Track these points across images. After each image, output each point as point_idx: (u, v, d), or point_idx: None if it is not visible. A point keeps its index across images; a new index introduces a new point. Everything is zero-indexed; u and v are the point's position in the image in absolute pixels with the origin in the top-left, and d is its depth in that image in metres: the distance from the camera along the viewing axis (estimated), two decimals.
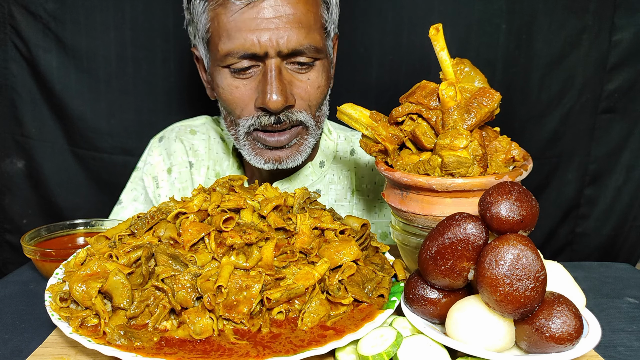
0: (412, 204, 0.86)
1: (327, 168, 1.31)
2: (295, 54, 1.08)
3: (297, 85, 1.11)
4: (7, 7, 1.61)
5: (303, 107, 1.13)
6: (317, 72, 1.12)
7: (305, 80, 1.11)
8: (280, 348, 0.71)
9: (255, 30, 1.05)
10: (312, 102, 1.13)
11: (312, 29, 1.09)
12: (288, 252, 0.82)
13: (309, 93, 1.12)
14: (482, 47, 1.66)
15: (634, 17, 1.65)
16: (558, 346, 0.66)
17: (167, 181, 1.33)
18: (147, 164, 1.36)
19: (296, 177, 1.29)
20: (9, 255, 1.82)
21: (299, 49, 1.07)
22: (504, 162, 0.86)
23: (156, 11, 1.64)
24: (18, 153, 1.72)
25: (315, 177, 1.30)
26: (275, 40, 1.05)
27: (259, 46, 1.06)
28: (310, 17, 1.08)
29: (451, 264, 0.70)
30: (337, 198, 1.30)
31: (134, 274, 0.78)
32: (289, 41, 1.06)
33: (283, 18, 1.05)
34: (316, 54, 1.10)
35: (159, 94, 1.71)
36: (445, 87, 0.83)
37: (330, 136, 1.34)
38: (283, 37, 1.05)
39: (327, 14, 1.13)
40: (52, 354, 0.76)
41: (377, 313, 0.78)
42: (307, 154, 1.18)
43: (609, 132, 1.76)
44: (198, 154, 1.34)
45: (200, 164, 1.33)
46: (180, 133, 1.36)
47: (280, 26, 1.05)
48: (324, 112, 1.20)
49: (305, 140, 1.16)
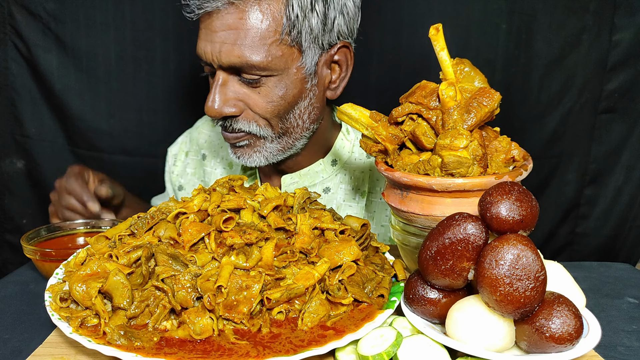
0: (412, 204, 0.86)
1: (339, 167, 1.32)
2: (236, 69, 1.10)
3: (248, 96, 1.13)
4: (7, 7, 1.61)
5: (253, 118, 1.14)
6: (269, 87, 1.12)
7: (257, 93, 1.12)
8: (280, 348, 0.71)
9: (203, 40, 1.10)
10: (266, 115, 1.14)
11: (255, 46, 1.07)
12: (288, 252, 0.82)
13: (259, 106, 1.13)
14: (482, 47, 1.66)
15: (634, 17, 1.65)
16: (558, 346, 0.66)
17: (182, 162, 1.46)
18: (175, 142, 1.51)
19: (306, 173, 1.31)
20: (9, 255, 1.82)
21: (237, 66, 1.09)
22: (504, 162, 0.86)
23: (156, 11, 1.64)
24: (18, 153, 1.72)
25: (326, 175, 1.31)
26: (216, 54, 1.08)
27: (204, 56, 1.11)
28: (256, 33, 1.07)
29: (451, 264, 0.70)
30: (345, 198, 1.31)
31: (134, 274, 0.78)
32: (226, 57, 1.07)
33: (226, 32, 1.07)
34: (260, 71, 1.09)
35: (159, 94, 1.71)
36: (445, 87, 0.83)
37: (347, 136, 1.34)
38: (220, 52, 1.07)
39: (287, 27, 1.08)
40: (52, 354, 0.76)
41: (377, 313, 0.78)
42: (267, 159, 1.20)
43: (609, 132, 1.76)
44: (212, 145, 1.43)
45: (212, 155, 1.42)
46: (203, 125, 1.46)
47: (220, 40, 1.07)
48: (292, 122, 1.18)
49: (262, 145, 1.18)
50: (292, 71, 1.12)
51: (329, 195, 1.31)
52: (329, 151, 1.33)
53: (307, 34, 1.11)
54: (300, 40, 1.11)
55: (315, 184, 1.31)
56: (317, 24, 1.11)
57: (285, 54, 1.10)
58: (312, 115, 1.20)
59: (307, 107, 1.18)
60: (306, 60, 1.13)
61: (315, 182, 1.31)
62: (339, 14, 1.13)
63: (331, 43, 1.15)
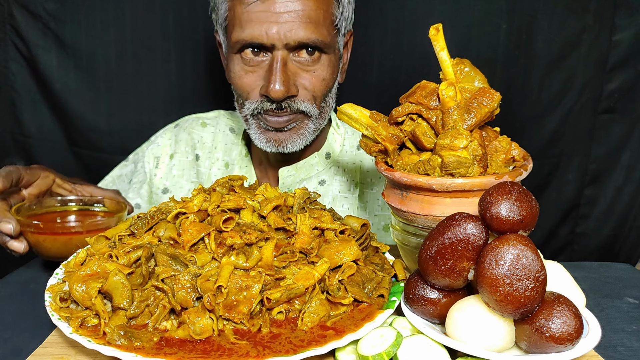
0: (412, 204, 0.86)
1: (333, 160, 1.36)
2: (301, 47, 1.16)
3: (302, 76, 1.18)
4: (7, 7, 1.60)
5: (307, 98, 1.20)
6: (323, 65, 1.19)
7: (311, 72, 1.19)
8: (280, 348, 0.71)
9: (264, 22, 1.13)
10: (317, 94, 1.21)
11: (319, 25, 1.15)
12: (288, 252, 0.82)
13: (313, 85, 1.19)
14: (482, 47, 1.66)
15: (634, 17, 1.65)
16: (558, 346, 0.66)
17: (166, 165, 1.43)
18: (155, 143, 1.46)
19: (302, 165, 1.35)
20: (9, 255, 1.82)
21: (305, 43, 1.14)
22: (504, 162, 0.86)
23: (156, 11, 1.64)
24: (18, 153, 1.72)
25: (321, 168, 1.35)
26: (283, 34, 1.12)
27: (266, 38, 1.13)
28: (320, 13, 1.15)
29: (451, 264, 0.70)
30: (341, 189, 1.35)
31: (134, 274, 0.78)
32: (296, 35, 1.13)
33: (292, 13, 1.12)
34: (322, 48, 1.17)
35: (159, 93, 1.71)
36: (445, 87, 0.83)
37: (338, 130, 1.40)
38: (290, 31, 1.12)
39: (338, 11, 1.19)
40: (52, 354, 0.76)
41: (377, 313, 0.78)
42: (306, 140, 1.24)
43: (609, 132, 1.76)
44: (205, 146, 1.42)
45: (206, 155, 1.42)
46: (191, 125, 1.45)
47: (288, 20, 1.12)
48: (329, 104, 1.27)
49: (306, 126, 1.23)
50: (336, 51, 1.23)
51: (325, 187, 1.35)
52: (323, 145, 1.37)
53: (345, 18, 1.22)
54: (341, 24, 1.21)
55: (311, 177, 1.35)
56: (350, 11, 1.23)
57: (334, 34, 1.21)
58: (334, 97, 1.28)
59: (334, 89, 1.27)
60: (340, 43, 1.24)
61: (311, 175, 1.35)
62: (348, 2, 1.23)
63: (349, 29, 1.27)
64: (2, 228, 1.02)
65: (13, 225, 1.02)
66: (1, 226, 1.02)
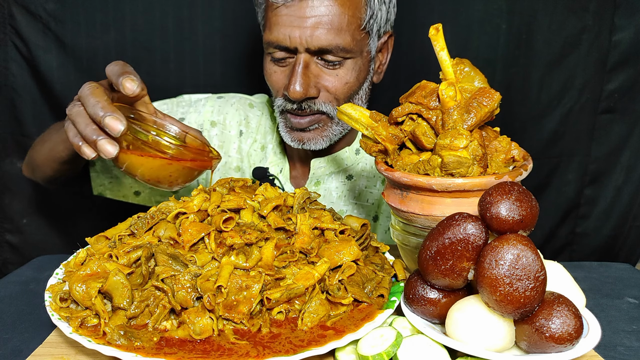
0: (412, 204, 0.86)
1: (362, 156, 1.40)
2: (323, 52, 1.18)
3: (325, 79, 1.21)
4: (7, 7, 1.60)
5: (328, 99, 1.22)
6: (346, 69, 1.21)
7: (334, 75, 1.21)
8: (280, 348, 0.71)
9: (288, 26, 1.16)
10: (339, 96, 1.23)
11: (342, 30, 1.16)
12: (288, 252, 0.82)
13: (335, 87, 1.22)
14: (482, 47, 1.66)
15: (634, 17, 1.65)
16: (558, 346, 0.66)
17: (207, 131, 1.45)
18: (197, 110, 1.46)
19: (333, 158, 1.39)
20: (9, 255, 1.82)
21: (326, 48, 1.17)
22: (504, 162, 0.86)
23: (156, 11, 1.64)
24: (18, 153, 1.72)
25: (350, 163, 1.39)
26: (305, 39, 1.15)
27: (289, 41, 1.17)
28: (344, 19, 1.16)
29: (451, 264, 0.70)
30: (367, 185, 1.39)
31: (134, 274, 0.78)
32: (317, 41, 1.15)
33: (315, 18, 1.15)
34: (345, 53, 1.18)
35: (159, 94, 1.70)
36: (445, 87, 0.83)
37: None
38: (311, 36, 1.15)
39: (367, 15, 1.20)
40: (52, 354, 0.77)
41: (377, 313, 0.78)
42: (330, 140, 1.28)
43: (609, 132, 1.76)
44: (250, 126, 1.46)
45: (248, 134, 1.46)
46: (240, 102, 1.48)
47: (311, 25, 1.15)
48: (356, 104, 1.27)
49: (330, 128, 1.26)
50: (364, 54, 1.24)
51: (352, 182, 1.39)
52: (354, 140, 1.41)
53: (378, 21, 1.23)
54: (372, 27, 1.23)
55: (340, 170, 1.39)
56: (384, 12, 1.25)
57: (362, 38, 1.21)
58: (366, 97, 1.31)
59: (365, 90, 1.30)
60: (372, 45, 1.25)
61: (340, 169, 1.39)
62: (393, 5, 1.27)
63: (385, 30, 1.28)
64: (109, 124, 0.82)
65: (123, 123, 0.83)
66: (109, 121, 0.83)
